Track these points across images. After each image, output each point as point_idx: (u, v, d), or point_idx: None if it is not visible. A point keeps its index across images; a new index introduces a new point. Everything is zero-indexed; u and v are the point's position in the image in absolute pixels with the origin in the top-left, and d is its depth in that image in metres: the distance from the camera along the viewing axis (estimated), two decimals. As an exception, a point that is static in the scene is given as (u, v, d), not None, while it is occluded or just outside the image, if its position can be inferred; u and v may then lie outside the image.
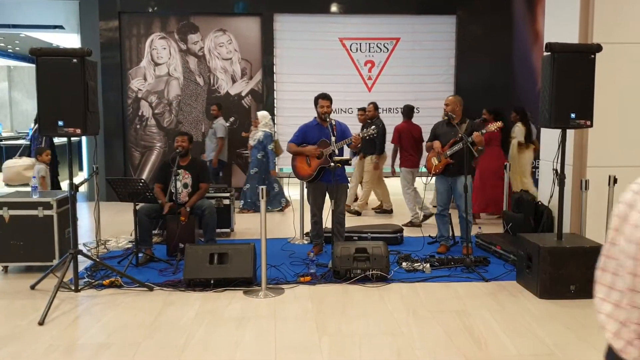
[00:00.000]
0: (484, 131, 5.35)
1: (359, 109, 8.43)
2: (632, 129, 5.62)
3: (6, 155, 11.68)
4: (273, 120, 9.37)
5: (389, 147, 7.93)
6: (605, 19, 5.49)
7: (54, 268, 4.78)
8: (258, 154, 8.02)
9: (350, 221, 6.25)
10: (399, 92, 9.57)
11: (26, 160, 6.66)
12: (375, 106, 7.94)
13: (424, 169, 9.82)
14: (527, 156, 7.46)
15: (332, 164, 5.21)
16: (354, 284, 4.76)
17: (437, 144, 5.64)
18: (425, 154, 6.59)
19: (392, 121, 9.35)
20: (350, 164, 5.51)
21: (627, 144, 5.62)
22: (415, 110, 7.84)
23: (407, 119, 7.69)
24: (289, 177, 6.01)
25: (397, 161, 7.62)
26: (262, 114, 8.17)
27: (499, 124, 5.43)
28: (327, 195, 5.52)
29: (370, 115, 7.91)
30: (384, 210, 8.18)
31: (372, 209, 8.30)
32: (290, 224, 6.92)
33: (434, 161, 5.68)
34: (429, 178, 5.86)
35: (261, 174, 8.01)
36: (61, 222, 5.07)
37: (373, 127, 5.53)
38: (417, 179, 7.49)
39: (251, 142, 8.16)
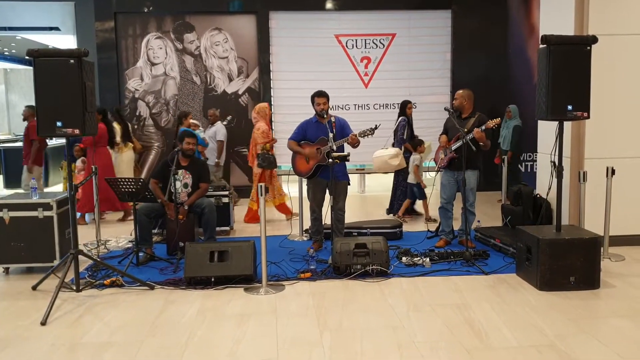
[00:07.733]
0: (483, 127, 5.36)
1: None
2: (629, 120, 5.64)
3: (5, 158, 11.11)
4: (271, 117, 9.37)
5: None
6: (600, 10, 5.50)
7: (55, 268, 4.80)
8: None
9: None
10: (395, 88, 9.59)
11: (391, 150, 6.96)
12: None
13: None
14: (125, 156, 7.77)
15: (330, 160, 5.22)
16: (354, 279, 4.77)
17: (443, 138, 5.78)
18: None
19: (388, 117, 9.39)
20: (348, 160, 5.51)
21: (624, 136, 5.64)
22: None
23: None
24: (289, 175, 6.01)
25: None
26: None
27: (497, 120, 5.43)
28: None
29: None
30: None
31: None
32: (288, 221, 6.94)
33: (441, 155, 5.80)
34: (435, 172, 5.94)
35: None
36: (61, 223, 5.08)
37: (374, 126, 5.41)
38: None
39: None
